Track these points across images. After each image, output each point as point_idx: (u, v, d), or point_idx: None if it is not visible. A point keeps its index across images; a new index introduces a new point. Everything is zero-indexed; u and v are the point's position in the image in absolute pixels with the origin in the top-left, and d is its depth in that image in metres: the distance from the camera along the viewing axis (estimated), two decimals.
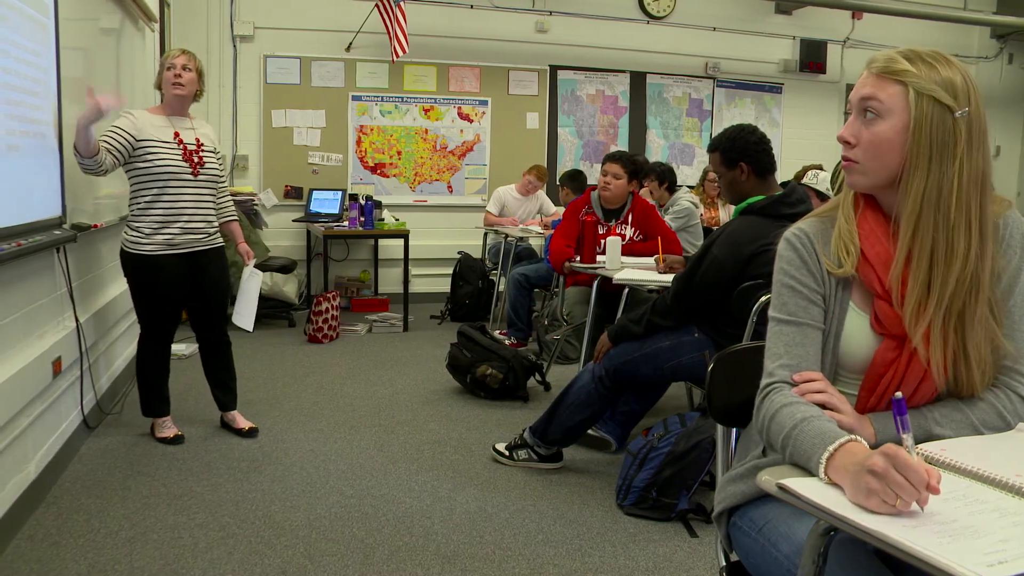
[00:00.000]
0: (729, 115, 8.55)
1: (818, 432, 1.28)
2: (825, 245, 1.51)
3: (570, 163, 8.12)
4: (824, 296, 1.50)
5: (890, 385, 1.43)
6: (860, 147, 1.43)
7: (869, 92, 1.42)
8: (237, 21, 7.12)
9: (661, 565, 2.73)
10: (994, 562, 0.96)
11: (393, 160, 7.69)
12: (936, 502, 1.13)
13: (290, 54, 7.29)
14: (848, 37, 8.86)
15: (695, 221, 5.77)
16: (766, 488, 1.23)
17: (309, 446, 3.77)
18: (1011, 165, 10.02)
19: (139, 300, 3.72)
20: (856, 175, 1.46)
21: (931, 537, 1.03)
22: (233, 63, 7.15)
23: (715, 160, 3.22)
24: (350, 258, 7.68)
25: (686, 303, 3.15)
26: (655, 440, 3.12)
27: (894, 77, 1.40)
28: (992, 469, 1.21)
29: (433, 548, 2.80)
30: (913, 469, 1.09)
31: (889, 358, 1.43)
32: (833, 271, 1.48)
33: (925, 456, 1.28)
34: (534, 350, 5.61)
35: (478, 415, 4.31)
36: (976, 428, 1.42)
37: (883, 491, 1.10)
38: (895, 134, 1.40)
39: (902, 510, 1.09)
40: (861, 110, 1.44)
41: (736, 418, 1.72)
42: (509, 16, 7.82)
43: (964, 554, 0.98)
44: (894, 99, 1.40)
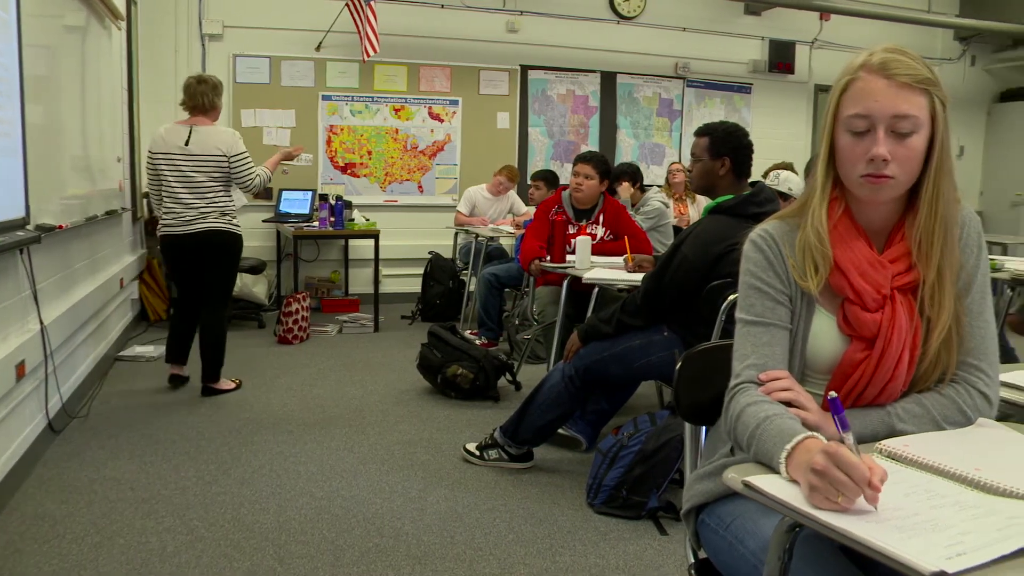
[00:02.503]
0: (699, 115, 8.61)
1: (779, 430, 1.29)
2: (791, 247, 1.52)
3: (541, 163, 8.13)
4: (790, 297, 1.51)
5: (857, 385, 1.45)
6: (895, 163, 1.40)
7: (905, 110, 1.38)
8: (206, 20, 7.05)
9: (631, 563, 2.74)
10: (953, 555, 0.97)
11: (364, 160, 7.66)
12: (898, 497, 1.14)
13: (260, 53, 7.23)
14: (816, 38, 8.95)
15: (666, 220, 5.80)
16: (732, 486, 1.24)
17: (279, 448, 3.74)
18: (974, 165, 10.18)
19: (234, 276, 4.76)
20: (889, 190, 1.44)
21: (892, 532, 1.04)
22: (202, 62, 7.08)
23: (701, 144, 3.22)
24: (320, 258, 7.64)
25: (656, 302, 3.16)
26: (625, 439, 3.14)
27: (921, 87, 1.40)
28: (952, 464, 1.23)
29: (404, 549, 2.79)
30: (854, 467, 1.10)
31: (858, 359, 1.45)
32: (799, 282, 1.49)
33: (888, 452, 1.30)
34: (505, 350, 5.62)
35: (449, 415, 4.30)
36: (938, 423, 1.43)
37: (825, 489, 1.11)
38: (924, 144, 1.42)
39: (846, 507, 1.10)
40: (892, 128, 1.40)
41: (704, 416, 1.73)
42: (480, 16, 7.81)
43: (925, 548, 0.99)
44: (923, 111, 1.40)
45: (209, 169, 4.37)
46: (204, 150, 4.35)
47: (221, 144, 4.38)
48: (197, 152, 4.35)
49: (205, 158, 4.36)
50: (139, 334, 6.02)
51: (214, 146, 4.36)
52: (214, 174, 4.39)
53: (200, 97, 4.41)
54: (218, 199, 4.43)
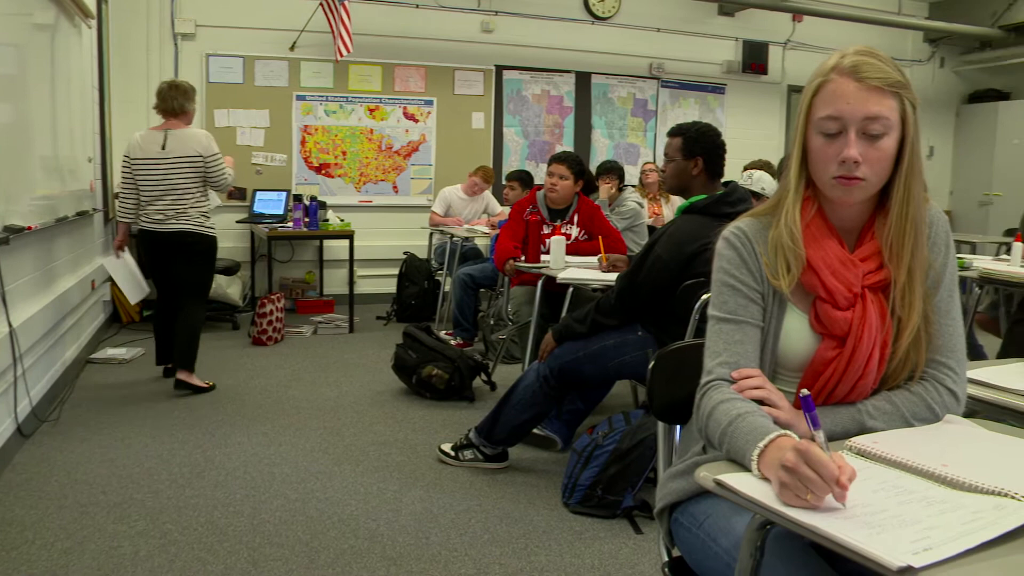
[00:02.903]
0: (673, 115, 8.65)
1: (752, 428, 1.30)
2: (763, 245, 1.53)
3: (516, 163, 8.14)
4: (763, 294, 1.52)
5: (828, 383, 1.46)
6: (867, 164, 1.42)
7: (876, 111, 1.40)
8: (178, 19, 6.98)
9: (606, 562, 2.75)
10: (919, 549, 0.99)
11: (338, 160, 7.63)
12: (867, 493, 1.15)
13: (233, 53, 7.18)
14: (789, 39, 9.03)
15: (641, 221, 5.82)
16: (704, 484, 1.24)
17: (253, 450, 3.72)
18: (944, 165, 10.30)
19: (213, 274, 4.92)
20: (860, 192, 1.45)
21: (861, 528, 1.05)
22: (174, 62, 7.01)
23: (674, 145, 3.23)
24: (295, 259, 7.60)
25: (630, 302, 3.18)
26: (600, 438, 3.14)
27: (892, 90, 1.41)
28: (920, 460, 1.24)
29: (379, 550, 2.78)
30: (823, 464, 1.10)
31: (829, 357, 1.46)
32: (772, 281, 1.50)
33: (857, 449, 1.31)
34: (480, 350, 5.62)
35: (424, 416, 4.29)
36: (907, 420, 1.45)
37: (795, 486, 1.12)
38: (895, 146, 1.43)
39: (815, 504, 1.11)
40: (863, 130, 1.41)
41: (677, 415, 1.73)
42: (454, 16, 7.81)
43: (892, 543, 1.00)
44: (894, 113, 1.41)
45: (186, 171, 4.51)
46: (182, 152, 4.49)
47: (197, 146, 4.51)
48: (175, 155, 4.48)
49: (182, 160, 4.49)
50: (111, 336, 5.96)
51: (191, 148, 4.50)
52: (191, 175, 4.52)
53: (171, 101, 4.54)
54: (195, 200, 4.55)
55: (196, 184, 4.55)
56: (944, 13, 9.47)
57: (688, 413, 1.59)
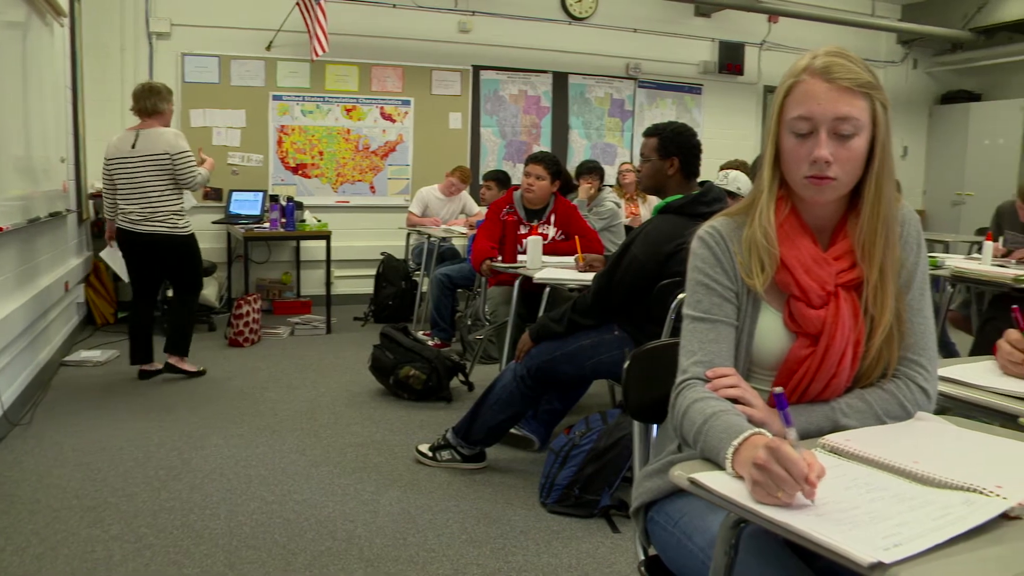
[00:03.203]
0: (651, 115, 8.68)
1: (726, 426, 1.31)
2: (738, 244, 1.53)
3: (493, 163, 8.14)
4: (737, 293, 1.53)
5: (802, 381, 1.47)
6: (837, 164, 1.43)
7: (845, 112, 1.41)
8: (153, 18, 6.92)
9: (584, 561, 2.75)
10: (890, 545, 0.99)
11: (315, 160, 7.60)
12: (839, 490, 1.16)
13: (209, 52, 7.12)
14: (765, 40, 9.09)
15: (618, 221, 5.85)
16: (679, 483, 1.25)
17: (229, 452, 3.70)
18: (917, 165, 10.41)
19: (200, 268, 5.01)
20: (831, 192, 1.46)
21: (833, 525, 1.06)
22: (149, 61, 6.95)
23: (650, 145, 3.24)
24: (271, 260, 7.56)
25: (606, 301, 3.18)
26: (577, 438, 3.15)
27: (862, 90, 1.43)
28: (892, 457, 1.26)
29: (356, 552, 2.78)
30: (793, 462, 1.11)
31: (803, 355, 1.47)
32: (746, 279, 1.51)
33: (830, 447, 1.32)
34: (457, 350, 5.61)
35: (401, 417, 4.28)
36: (879, 418, 1.47)
37: (766, 483, 1.13)
38: (866, 146, 1.45)
39: (786, 502, 1.11)
40: (834, 130, 1.42)
41: (653, 414, 1.74)
42: (432, 16, 7.79)
43: (863, 539, 1.01)
44: (864, 113, 1.43)
45: (155, 169, 4.59)
46: (150, 151, 4.58)
47: (164, 144, 4.59)
48: (144, 154, 4.58)
49: (151, 158, 4.58)
50: (85, 338, 5.91)
51: (159, 146, 4.58)
52: (160, 174, 4.60)
53: (144, 102, 4.64)
54: (167, 200, 4.63)
55: (166, 183, 4.63)
56: (917, 15, 9.58)
57: (663, 412, 1.59)
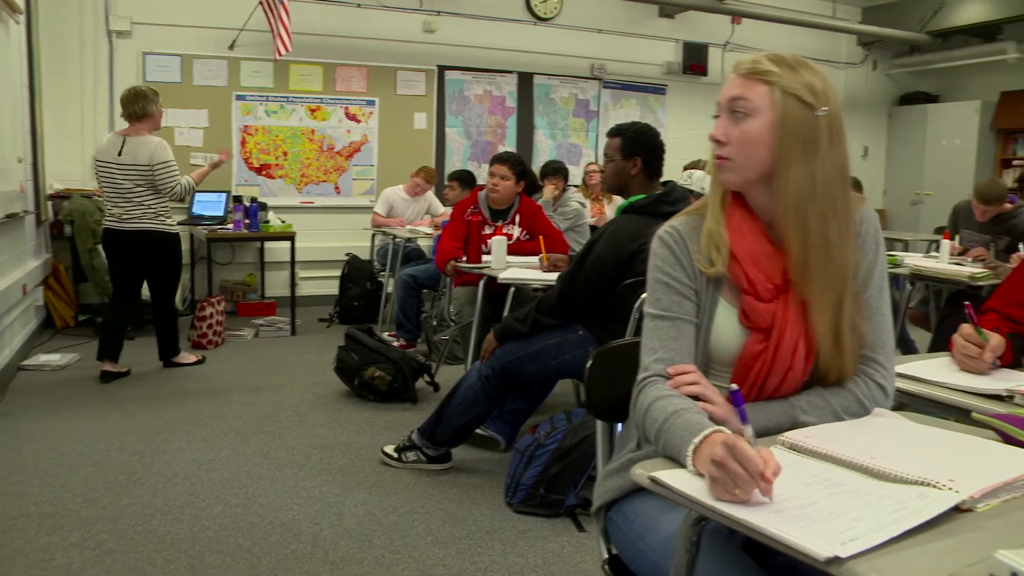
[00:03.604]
0: (615, 115, 8.72)
1: (687, 424, 1.32)
2: (696, 242, 1.55)
3: (458, 163, 8.12)
4: (696, 291, 1.54)
5: (758, 376, 1.49)
6: (731, 145, 1.48)
7: (737, 92, 1.47)
8: (112, 16, 6.81)
9: (550, 561, 2.76)
10: (846, 540, 1.01)
11: (279, 161, 7.54)
12: (798, 487, 1.18)
13: (170, 51, 7.03)
14: (728, 41, 9.16)
15: (583, 221, 5.87)
16: (639, 481, 1.25)
17: (193, 456, 3.66)
18: (878, 164, 10.56)
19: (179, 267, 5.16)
20: (728, 172, 1.51)
21: (791, 521, 1.07)
22: (109, 60, 6.85)
23: (613, 145, 3.25)
24: (235, 261, 7.49)
25: (571, 301, 3.19)
26: (542, 437, 3.16)
27: (760, 78, 1.46)
28: (849, 453, 1.27)
29: (321, 555, 2.76)
30: (749, 459, 1.12)
31: (756, 350, 1.49)
32: (705, 270, 1.52)
33: (789, 443, 1.34)
34: (423, 351, 5.60)
35: (367, 418, 4.27)
36: (838, 414, 1.48)
37: (724, 480, 1.14)
38: (763, 131, 1.46)
39: (744, 499, 1.13)
40: (730, 110, 1.49)
41: (616, 413, 1.75)
42: (396, 16, 7.77)
43: (821, 534, 1.03)
44: (761, 98, 1.46)
45: (136, 177, 4.76)
46: (133, 160, 4.74)
47: (146, 154, 4.74)
48: (128, 162, 4.74)
49: (133, 167, 4.75)
50: (44, 342, 5.81)
51: (141, 156, 4.74)
52: (140, 181, 4.77)
53: (131, 106, 4.80)
54: (148, 203, 4.80)
55: (146, 189, 4.78)
56: (876, 18, 9.72)
57: (626, 411, 1.60)
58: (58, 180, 6.46)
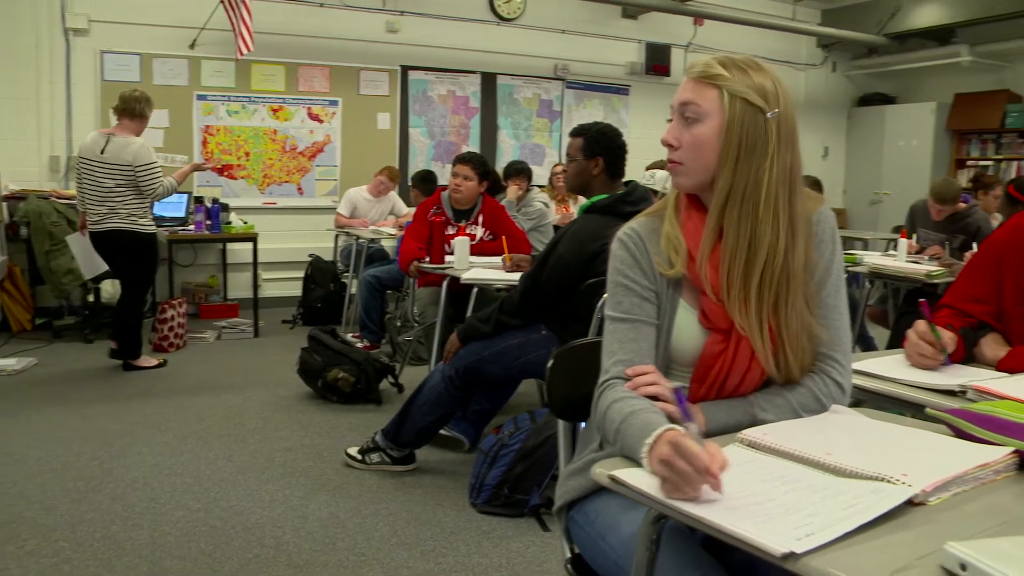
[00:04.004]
0: (579, 116, 8.74)
1: (642, 424, 1.32)
2: (656, 244, 1.56)
3: (422, 163, 8.10)
4: (656, 293, 1.55)
5: (719, 376, 1.50)
6: (683, 149, 1.49)
7: (688, 97, 1.48)
8: (69, 13, 6.68)
9: (514, 561, 2.77)
10: (802, 535, 1.02)
11: (241, 162, 7.47)
12: (755, 483, 1.19)
13: (129, 50, 6.92)
14: (691, 42, 9.22)
15: (546, 221, 5.88)
16: (599, 480, 1.26)
17: (153, 460, 3.61)
18: (838, 164, 10.70)
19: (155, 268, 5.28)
20: (680, 176, 1.52)
21: (748, 517, 1.08)
22: (66, 59, 6.72)
23: (576, 145, 3.27)
24: (197, 263, 7.40)
25: (533, 301, 3.20)
26: (506, 438, 3.16)
27: (710, 81, 1.47)
28: (806, 449, 1.29)
29: (284, 558, 2.74)
30: (695, 456, 1.13)
31: (716, 350, 1.50)
32: (664, 272, 1.53)
33: (747, 441, 1.35)
34: (387, 352, 5.58)
35: (330, 420, 4.24)
36: (796, 411, 1.50)
37: (672, 478, 1.14)
38: (713, 135, 1.47)
39: (692, 495, 1.13)
40: (682, 115, 1.50)
41: (577, 413, 1.75)
42: (359, 15, 7.73)
43: (777, 530, 1.04)
44: (711, 102, 1.47)
45: (118, 176, 4.83)
46: (116, 160, 4.81)
47: (129, 155, 4.81)
48: (110, 161, 4.82)
49: (115, 166, 4.82)
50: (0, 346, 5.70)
51: (124, 157, 4.80)
52: (122, 181, 4.83)
53: (132, 103, 4.91)
54: (126, 202, 4.87)
55: (127, 189, 4.85)
56: (835, 20, 9.85)
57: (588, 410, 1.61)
58: (13, 181, 6.34)
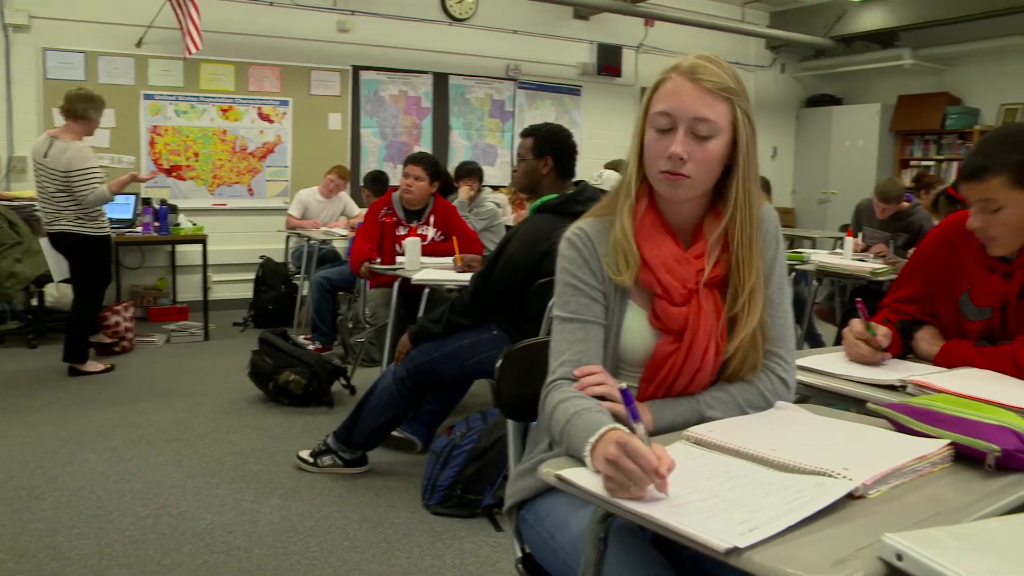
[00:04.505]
0: (531, 116, 8.76)
1: (586, 424, 1.32)
2: (605, 244, 1.56)
3: (374, 164, 8.05)
4: (605, 293, 1.56)
5: (667, 376, 1.51)
6: (692, 163, 1.47)
7: (704, 113, 1.45)
8: (8, 8, 6.51)
9: (467, 561, 2.76)
10: (745, 530, 1.03)
11: (190, 162, 7.35)
12: (701, 480, 1.20)
13: (73, 48, 6.77)
14: (642, 43, 9.30)
15: (498, 221, 5.88)
16: (547, 480, 1.26)
17: (100, 467, 3.54)
18: (787, 165, 10.86)
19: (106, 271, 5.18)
20: (684, 189, 1.50)
21: (693, 514, 1.09)
22: (5, 56, 6.56)
23: (526, 145, 3.29)
24: (145, 265, 7.26)
25: (484, 301, 3.21)
26: (458, 438, 3.16)
27: (724, 94, 1.47)
28: (751, 446, 1.30)
29: (235, 564, 2.71)
30: (642, 456, 1.13)
31: (668, 351, 1.51)
32: (613, 277, 1.54)
33: (693, 438, 1.37)
34: (339, 354, 5.54)
35: (281, 423, 4.20)
36: (742, 408, 1.52)
37: (619, 478, 1.15)
38: (723, 150, 1.49)
39: (638, 495, 1.14)
40: (692, 129, 1.46)
41: (527, 412, 1.75)
42: (310, 15, 7.66)
43: (721, 526, 1.05)
44: (723, 117, 1.47)
45: (57, 181, 4.80)
46: (54, 165, 4.78)
47: (63, 161, 4.76)
48: (50, 166, 4.80)
49: (55, 172, 4.80)
50: None
51: (61, 162, 4.76)
52: (61, 186, 4.80)
53: (74, 103, 4.88)
54: (70, 206, 4.82)
55: (66, 194, 4.80)
56: (783, 22, 10.00)
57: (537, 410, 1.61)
58: None
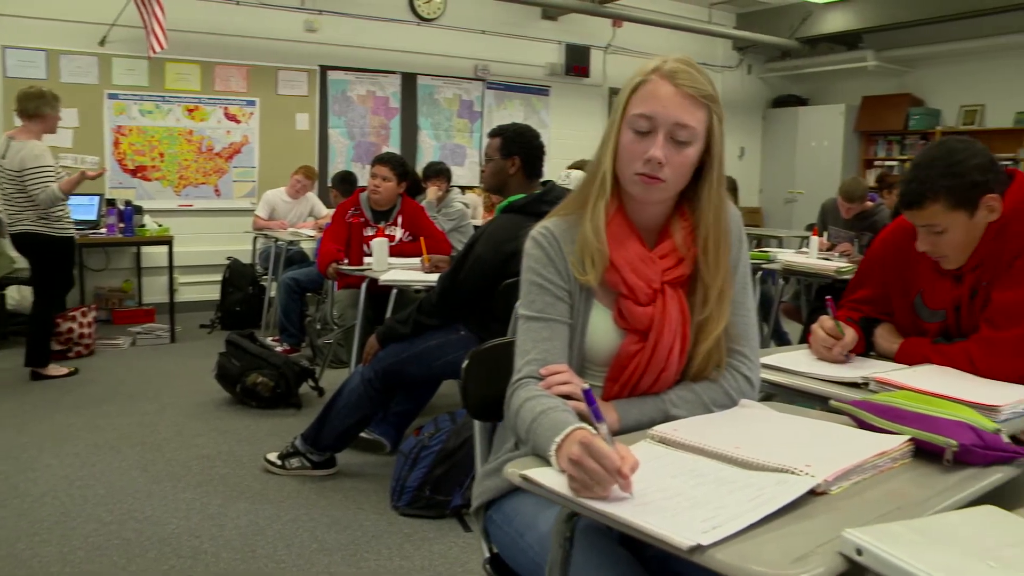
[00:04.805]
0: (499, 116, 8.77)
1: (552, 423, 1.32)
2: (570, 244, 1.56)
3: (342, 164, 8.01)
4: (570, 292, 1.56)
5: (632, 376, 1.52)
6: (669, 167, 1.48)
7: (684, 120, 1.46)
8: None
9: (436, 562, 2.76)
10: (708, 528, 1.04)
11: (155, 163, 7.27)
12: (665, 479, 1.21)
13: (34, 46, 6.67)
14: (610, 44, 9.34)
15: (467, 221, 5.87)
16: (512, 479, 1.26)
17: (63, 472, 3.49)
18: (754, 165, 10.96)
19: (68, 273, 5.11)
20: (660, 192, 1.51)
21: (657, 512, 1.10)
22: None
23: (493, 145, 3.29)
24: (110, 267, 7.17)
25: (451, 301, 3.20)
26: (426, 439, 3.15)
27: (704, 101, 1.48)
28: (715, 444, 1.31)
29: (202, 568, 2.68)
30: (605, 456, 1.14)
31: (633, 351, 1.52)
32: (579, 277, 1.54)
33: (658, 437, 1.37)
34: (307, 355, 5.50)
35: (249, 426, 4.16)
36: (707, 407, 1.53)
37: (582, 478, 1.15)
38: (697, 155, 1.50)
39: (602, 495, 1.14)
40: (671, 135, 1.47)
41: (493, 413, 1.75)
42: (277, 14, 7.60)
43: (685, 524, 1.06)
44: (701, 123, 1.48)
45: (15, 181, 4.73)
46: (10, 165, 4.72)
47: (17, 161, 4.70)
48: (7, 166, 4.74)
49: (10, 172, 4.73)
50: None
51: (15, 162, 4.71)
52: (18, 186, 4.73)
53: (25, 102, 4.81)
54: (29, 206, 4.75)
55: (24, 195, 4.73)
56: (749, 24, 10.09)
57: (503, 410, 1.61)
58: None
